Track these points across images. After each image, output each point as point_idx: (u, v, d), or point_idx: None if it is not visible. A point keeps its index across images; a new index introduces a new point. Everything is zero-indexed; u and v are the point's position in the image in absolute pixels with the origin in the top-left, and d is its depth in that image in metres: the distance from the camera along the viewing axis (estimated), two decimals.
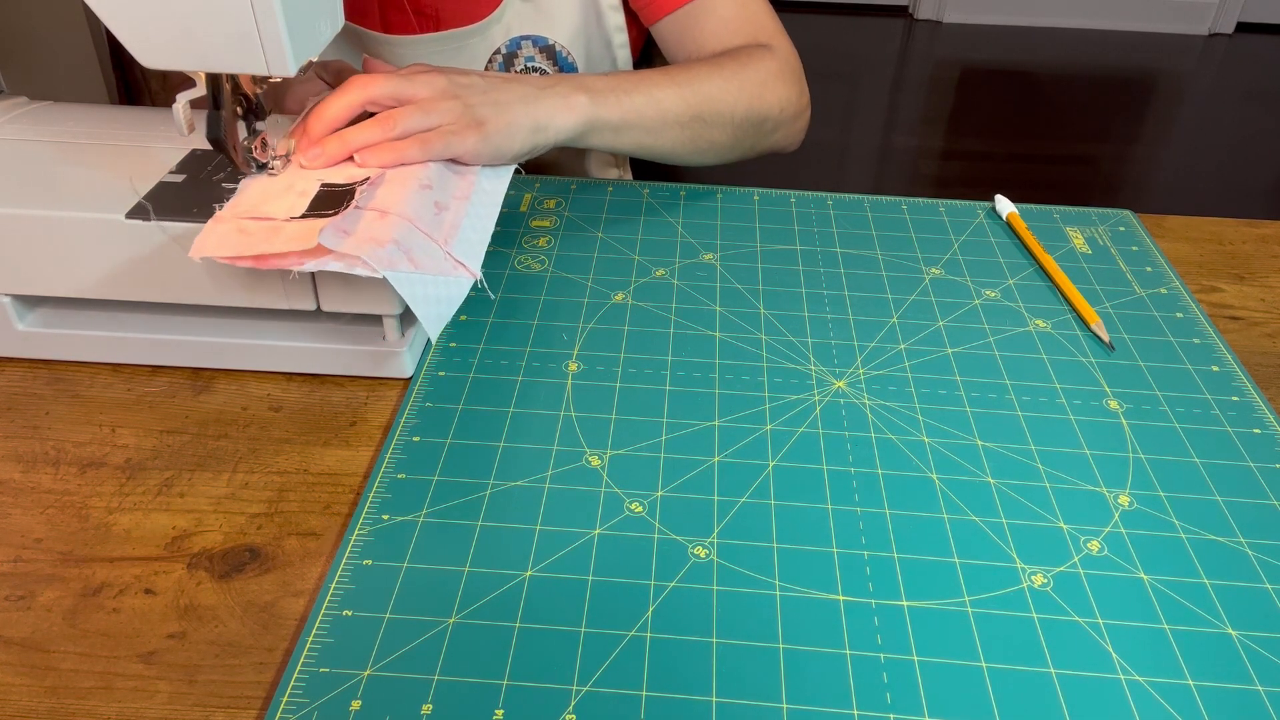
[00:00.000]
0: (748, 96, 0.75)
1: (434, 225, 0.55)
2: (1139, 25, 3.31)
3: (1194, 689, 0.42)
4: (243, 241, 0.51)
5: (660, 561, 0.47)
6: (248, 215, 0.53)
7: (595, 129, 0.68)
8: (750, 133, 0.77)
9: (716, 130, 0.74)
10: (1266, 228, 0.77)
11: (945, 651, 0.43)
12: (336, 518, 0.50)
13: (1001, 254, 0.71)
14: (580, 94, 0.66)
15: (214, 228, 0.52)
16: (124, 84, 1.28)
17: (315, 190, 0.55)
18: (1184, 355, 0.61)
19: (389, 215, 0.53)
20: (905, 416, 0.56)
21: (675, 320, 0.63)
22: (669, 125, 0.71)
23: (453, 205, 0.57)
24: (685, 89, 0.72)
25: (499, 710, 0.40)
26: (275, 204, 0.54)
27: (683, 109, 0.71)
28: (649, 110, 0.70)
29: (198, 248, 0.50)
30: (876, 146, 2.58)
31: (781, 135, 0.80)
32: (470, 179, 0.60)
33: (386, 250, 0.50)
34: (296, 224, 0.52)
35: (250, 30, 0.49)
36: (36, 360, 0.59)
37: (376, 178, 0.56)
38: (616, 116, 0.68)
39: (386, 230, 0.52)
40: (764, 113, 0.76)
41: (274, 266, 0.50)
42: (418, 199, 0.55)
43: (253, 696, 0.42)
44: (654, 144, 0.72)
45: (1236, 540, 0.49)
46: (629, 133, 0.70)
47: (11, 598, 0.45)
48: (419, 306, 0.51)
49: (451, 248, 0.54)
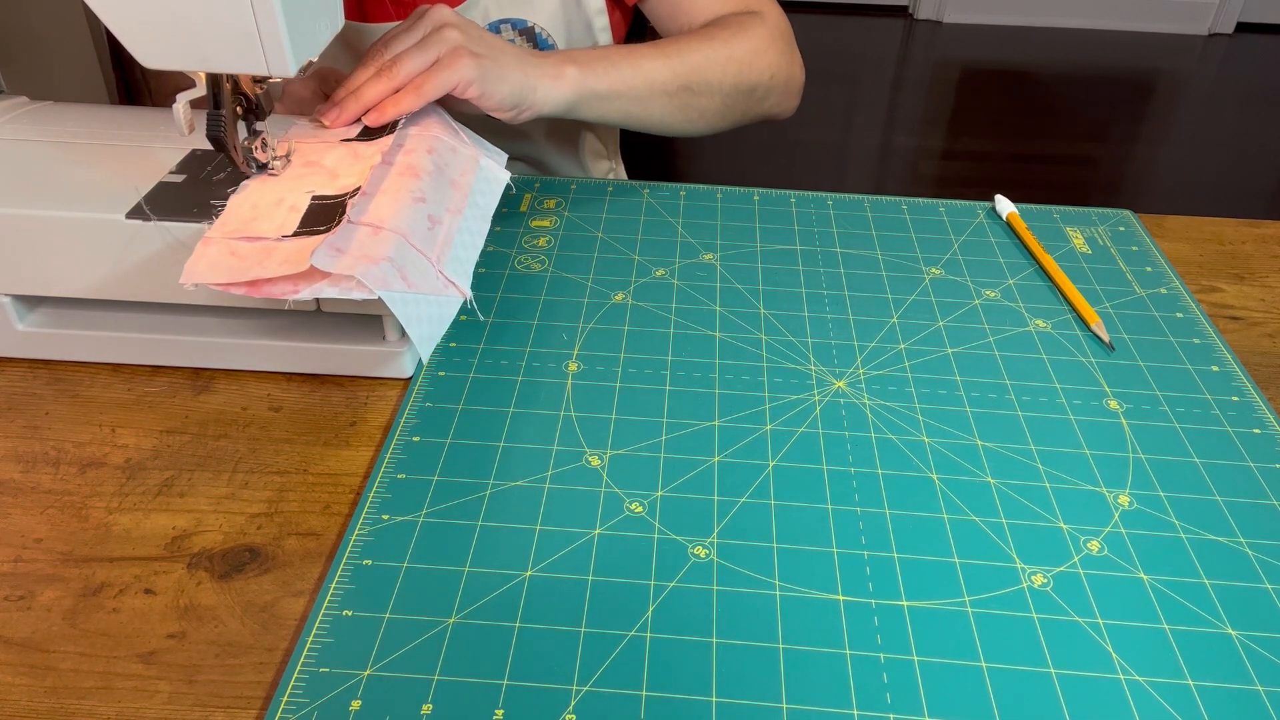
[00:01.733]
0: (736, 65, 0.76)
1: (427, 241, 0.54)
2: (1139, 25, 3.30)
3: (1194, 689, 0.42)
4: (234, 265, 0.50)
5: (660, 561, 0.47)
6: (238, 235, 0.52)
7: (584, 99, 0.69)
8: (741, 100, 0.78)
9: (705, 98, 0.75)
10: (1266, 228, 0.77)
11: (945, 651, 0.43)
12: (336, 518, 0.50)
13: (1001, 254, 0.71)
14: (569, 65, 0.68)
15: (204, 250, 0.51)
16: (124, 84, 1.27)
17: (306, 204, 0.54)
18: (1184, 355, 0.61)
19: (383, 231, 0.52)
20: (905, 416, 0.56)
21: (675, 320, 0.63)
22: (656, 95, 0.72)
23: (446, 219, 0.57)
24: (673, 59, 0.73)
25: (499, 710, 0.40)
26: (266, 221, 0.53)
27: (670, 78, 0.73)
28: (636, 80, 0.71)
29: (189, 273, 0.49)
30: (876, 146, 2.58)
31: (774, 102, 0.81)
32: (465, 191, 0.60)
33: (381, 268, 0.50)
34: (289, 243, 0.51)
35: (250, 30, 0.49)
36: (36, 360, 0.59)
37: (369, 188, 0.55)
38: (605, 86, 0.70)
39: (381, 247, 0.51)
40: (754, 80, 0.77)
41: (267, 295, 0.49)
42: (411, 213, 0.54)
43: (253, 696, 0.42)
44: (642, 114, 0.73)
45: (1236, 540, 0.49)
46: (617, 102, 0.71)
47: (11, 598, 0.45)
48: (413, 327, 0.51)
49: (444, 266, 0.54)
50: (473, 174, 0.61)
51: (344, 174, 0.57)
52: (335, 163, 0.58)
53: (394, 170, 0.57)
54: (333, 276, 0.49)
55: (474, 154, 0.63)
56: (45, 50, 1.34)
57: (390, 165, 0.58)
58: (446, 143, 0.61)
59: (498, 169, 0.63)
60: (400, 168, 0.57)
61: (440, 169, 0.59)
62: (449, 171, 0.60)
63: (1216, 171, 2.50)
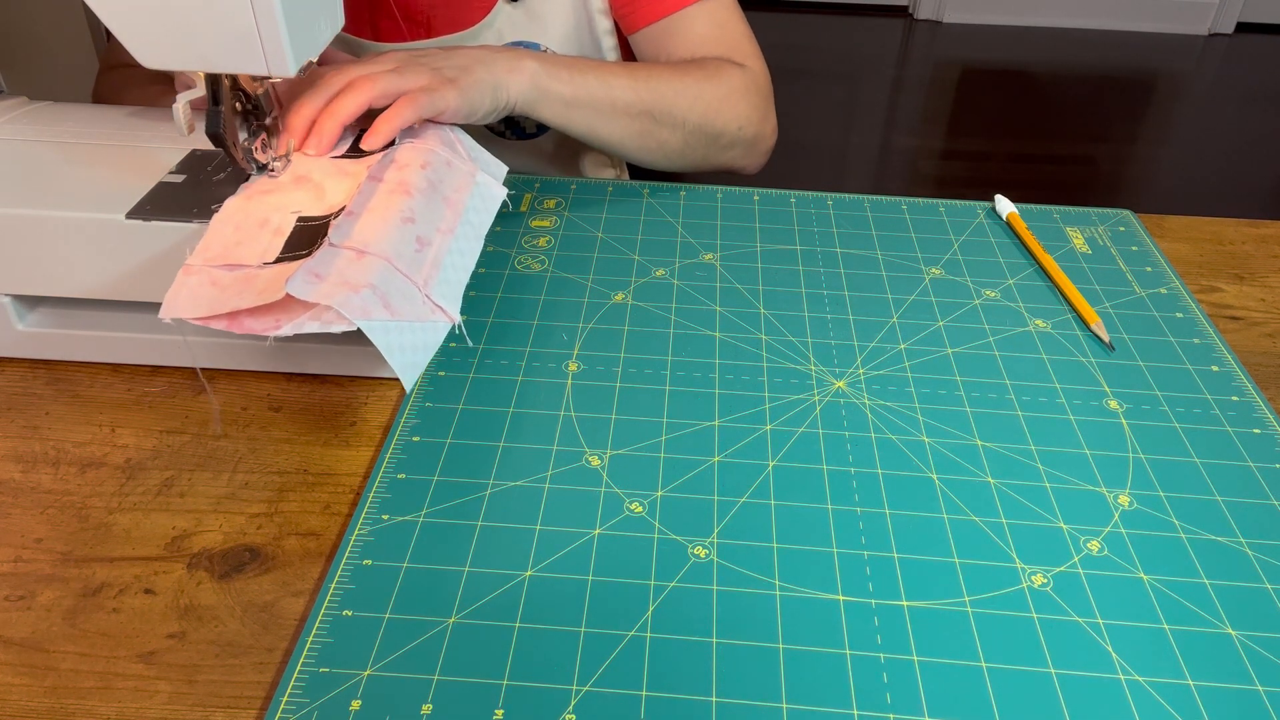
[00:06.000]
0: (704, 105, 0.75)
1: (414, 264, 0.52)
2: (1139, 25, 3.30)
3: (1194, 689, 0.42)
4: (215, 297, 0.49)
5: (660, 561, 0.47)
6: (220, 263, 0.50)
7: (544, 98, 0.69)
8: (703, 142, 0.77)
9: (666, 130, 0.75)
10: (1266, 228, 0.77)
11: (945, 651, 0.43)
12: (336, 518, 0.50)
13: (1001, 254, 0.71)
14: (529, 60, 0.68)
15: (184, 280, 0.49)
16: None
17: (291, 226, 0.53)
18: (1184, 355, 0.61)
19: (366, 255, 0.50)
20: (905, 416, 0.56)
21: (675, 320, 0.63)
22: (618, 113, 0.72)
23: (435, 240, 0.54)
24: (640, 83, 0.73)
25: (499, 710, 0.40)
26: (249, 245, 0.51)
27: (633, 99, 0.72)
28: (599, 92, 0.71)
29: (168, 307, 0.48)
30: (876, 146, 2.58)
31: (739, 154, 0.80)
32: (458, 209, 0.57)
33: (361, 296, 0.48)
34: (271, 270, 0.50)
35: (250, 30, 0.49)
36: (36, 360, 0.59)
37: (355, 206, 0.53)
38: (567, 91, 0.69)
39: (363, 273, 0.49)
40: (720, 126, 0.77)
41: (249, 331, 0.48)
42: (398, 235, 0.52)
43: (253, 696, 0.42)
44: (603, 130, 0.73)
45: (1236, 540, 0.49)
46: (578, 110, 0.71)
47: (11, 598, 0.45)
48: (394, 356, 0.48)
49: (431, 290, 0.52)
50: (468, 191, 0.59)
51: (332, 191, 0.56)
52: (324, 178, 0.57)
53: (384, 187, 0.55)
54: (313, 310, 0.47)
55: (471, 170, 0.60)
56: (45, 50, 1.34)
57: (380, 181, 0.56)
58: (442, 157, 0.59)
59: (495, 185, 0.61)
60: (391, 184, 0.55)
61: (433, 185, 0.57)
62: (442, 188, 0.58)
63: (1216, 171, 2.50)
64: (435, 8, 0.82)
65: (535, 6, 0.82)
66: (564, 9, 0.82)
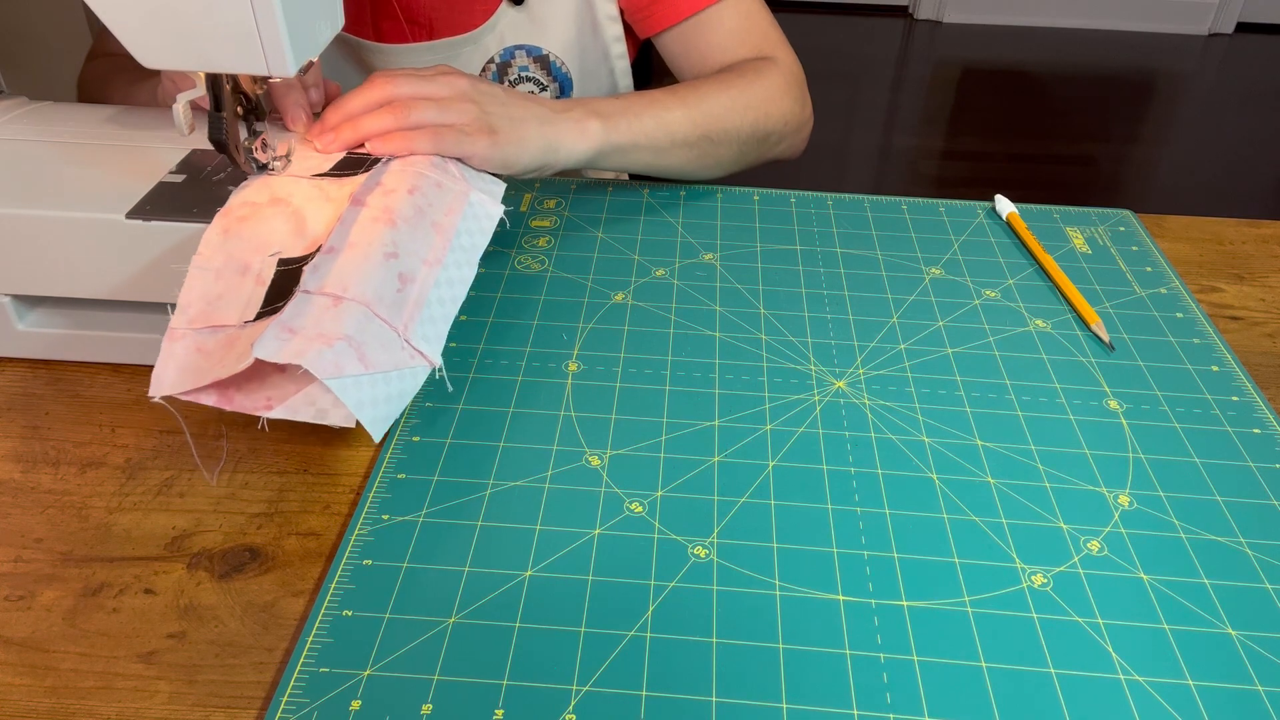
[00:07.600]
0: (754, 114, 0.76)
1: (395, 307, 0.50)
2: (1139, 25, 3.31)
3: (1194, 689, 0.42)
4: (201, 366, 0.48)
5: (660, 561, 0.47)
6: (203, 324, 0.49)
7: (605, 154, 0.68)
8: (755, 147, 0.78)
9: (723, 148, 0.75)
10: (1266, 228, 0.77)
11: (945, 651, 0.43)
12: (336, 518, 0.50)
13: (1001, 254, 0.71)
14: (594, 119, 0.67)
15: (171, 349, 0.49)
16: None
17: (273, 273, 0.51)
18: (1184, 355, 0.61)
19: (343, 301, 0.48)
20: (905, 416, 0.56)
21: (675, 320, 0.63)
22: (677, 146, 0.72)
23: (420, 274, 0.52)
24: (693, 110, 0.72)
25: (499, 710, 0.40)
26: (231, 299, 0.50)
27: (690, 129, 0.72)
28: (658, 134, 0.71)
29: (157, 383, 0.47)
30: (876, 146, 2.58)
31: (785, 146, 0.82)
32: (448, 234, 0.55)
33: (335, 350, 0.46)
34: (252, 329, 0.48)
35: (250, 30, 0.49)
36: (36, 360, 0.59)
37: (336, 239, 0.51)
38: (628, 140, 0.69)
39: (337, 324, 0.47)
40: (769, 128, 0.77)
41: (239, 409, 0.47)
42: (380, 274, 0.50)
43: (253, 696, 0.42)
44: (661, 163, 0.73)
45: (1236, 540, 0.49)
46: (637, 154, 0.71)
47: (11, 598, 0.45)
48: (364, 411, 0.47)
49: (411, 333, 0.50)
50: (459, 213, 0.56)
51: (313, 219, 0.54)
52: (305, 203, 0.55)
53: (367, 214, 0.53)
54: (305, 391, 0.47)
55: (464, 189, 0.58)
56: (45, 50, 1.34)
57: (363, 206, 0.53)
58: (432, 179, 0.57)
59: (490, 203, 0.58)
60: (375, 211, 0.53)
61: (421, 211, 0.54)
62: (431, 213, 0.55)
63: (1216, 171, 2.50)
64: (437, 9, 0.82)
65: (538, 10, 0.82)
66: (568, 13, 0.82)
